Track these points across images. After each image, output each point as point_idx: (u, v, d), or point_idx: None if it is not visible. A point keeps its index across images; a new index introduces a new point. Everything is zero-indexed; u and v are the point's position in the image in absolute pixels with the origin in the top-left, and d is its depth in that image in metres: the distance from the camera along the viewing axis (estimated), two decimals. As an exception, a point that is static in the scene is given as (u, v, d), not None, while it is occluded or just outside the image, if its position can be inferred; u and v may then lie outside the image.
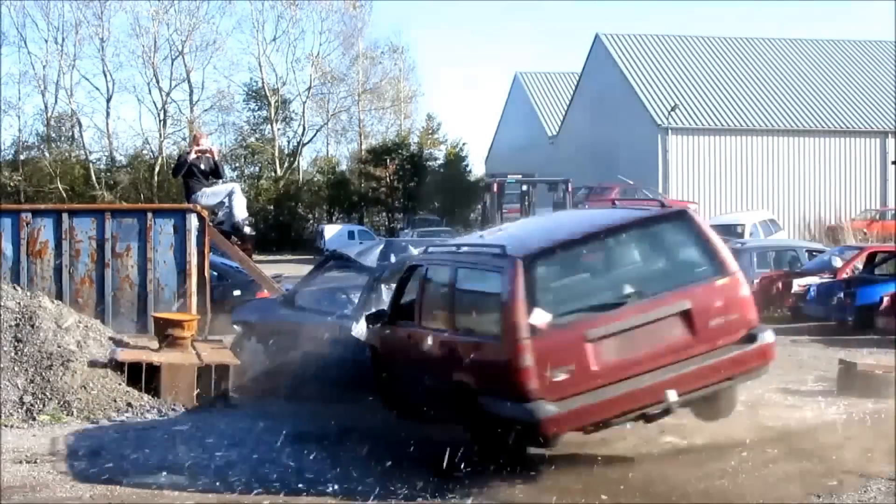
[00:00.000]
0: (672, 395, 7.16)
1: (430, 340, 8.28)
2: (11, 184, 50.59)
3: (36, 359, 10.22)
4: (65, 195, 49.66)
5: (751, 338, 7.47)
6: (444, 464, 7.56)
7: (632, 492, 7.24)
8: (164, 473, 7.74)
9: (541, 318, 7.04)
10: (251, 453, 8.38)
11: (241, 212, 14.81)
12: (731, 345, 7.41)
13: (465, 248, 8.59)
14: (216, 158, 15.20)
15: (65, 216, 12.97)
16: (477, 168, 61.88)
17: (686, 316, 7.38)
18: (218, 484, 7.45)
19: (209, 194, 14.64)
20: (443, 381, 8.28)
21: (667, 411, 7.31)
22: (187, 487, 7.35)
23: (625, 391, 7.15)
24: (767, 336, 7.55)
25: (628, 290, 7.45)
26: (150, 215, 13.08)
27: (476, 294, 7.97)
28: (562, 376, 7.03)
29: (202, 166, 14.86)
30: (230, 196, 14.86)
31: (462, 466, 7.47)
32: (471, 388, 7.69)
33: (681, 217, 7.92)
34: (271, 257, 40.65)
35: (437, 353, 8.22)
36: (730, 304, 7.44)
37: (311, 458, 8.18)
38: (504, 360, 7.21)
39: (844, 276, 18.95)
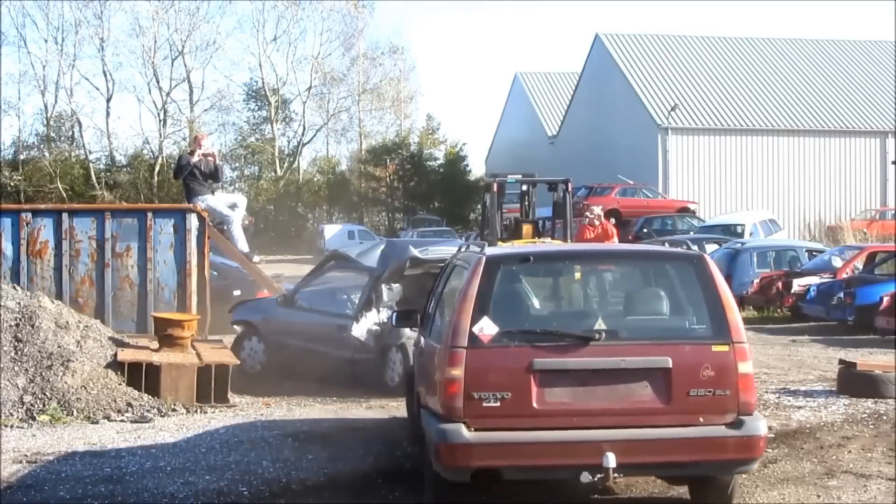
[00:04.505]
0: (611, 460, 5.93)
1: (422, 343, 7.82)
2: (11, 184, 50.53)
3: (36, 359, 10.22)
4: (65, 195, 49.61)
5: (738, 424, 6.12)
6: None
7: (630, 489, 7.25)
8: (164, 474, 7.74)
9: (486, 328, 6.13)
10: (250, 453, 8.37)
11: (238, 240, 14.88)
12: (711, 425, 6.12)
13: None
14: (217, 162, 15.21)
15: (65, 216, 12.97)
16: (477, 168, 62.02)
17: (663, 375, 6.13)
18: (217, 484, 7.44)
19: (213, 209, 14.55)
20: (410, 391, 7.95)
21: (604, 479, 6.03)
22: (187, 487, 7.34)
23: (561, 440, 6.05)
24: (759, 427, 6.18)
25: (600, 325, 6.36)
26: (150, 215, 13.08)
27: (448, 295, 7.21)
28: (493, 403, 6.04)
29: (203, 168, 14.87)
30: (229, 226, 14.84)
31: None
32: (420, 399, 7.17)
33: (694, 261, 6.59)
34: (271, 257, 40.66)
35: (418, 357, 7.89)
36: (722, 376, 6.13)
37: (310, 457, 8.18)
38: (438, 369, 6.34)
39: (844, 276, 18.96)
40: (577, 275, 7.43)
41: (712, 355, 6.17)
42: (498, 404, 6.06)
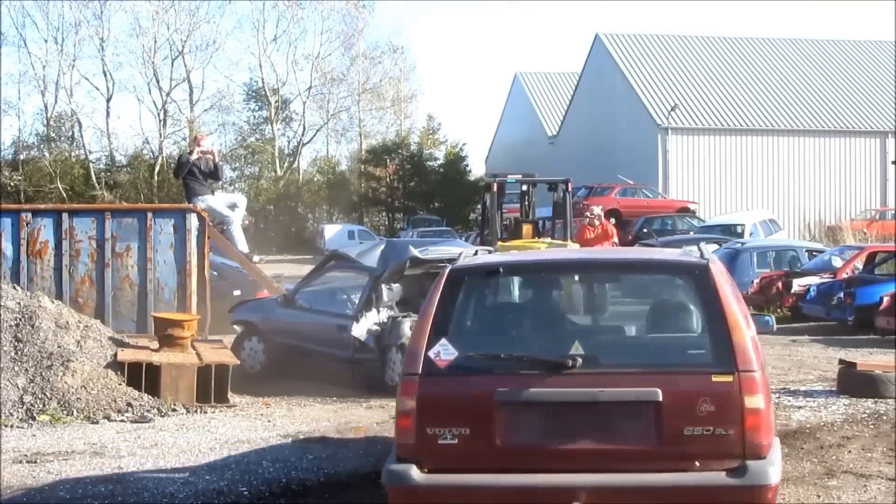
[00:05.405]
0: None
1: None
2: (11, 184, 50.56)
3: (36, 359, 10.22)
4: (65, 195, 49.65)
5: (741, 470, 5.07)
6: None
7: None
8: (164, 474, 7.75)
9: (443, 353, 5.33)
10: (250, 453, 8.37)
11: (238, 240, 14.91)
12: (708, 472, 5.10)
13: None
14: (216, 161, 15.24)
15: (65, 216, 12.99)
16: (477, 168, 62.06)
17: (651, 410, 5.15)
18: (217, 484, 7.44)
19: (213, 209, 14.58)
20: None
21: None
22: (187, 487, 7.34)
23: (526, 486, 5.16)
24: (767, 475, 5.09)
25: (577, 349, 5.36)
26: (150, 215, 13.10)
27: None
28: (450, 440, 5.22)
29: (202, 167, 14.90)
30: (228, 226, 14.86)
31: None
32: None
33: (695, 272, 5.51)
34: (271, 257, 40.65)
35: None
36: (724, 412, 5.10)
37: (310, 457, 8.18)
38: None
39: (844, 276, 18.96)
40: (571, 286, 6.55)
41: (712, 386, 5.15)
42: (455, 442, 5.23)
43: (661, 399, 5.14)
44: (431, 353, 5.32)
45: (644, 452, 5.16)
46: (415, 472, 5.22)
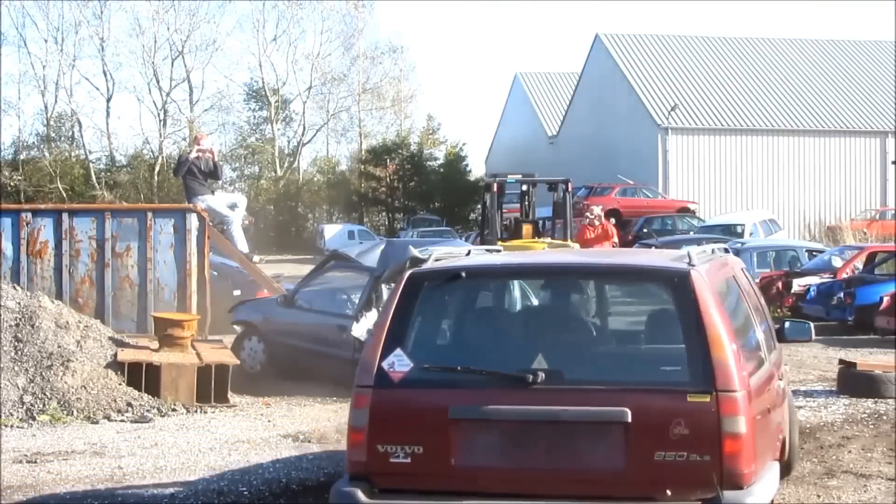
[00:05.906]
0: None
1: None
2: (11, 184, 50.55)
3: (36, 359, 10.23)
4: (65, 195, 49.63)
5: (714, 502, 4.61)
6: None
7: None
8: (164, 474, 7.75)
9: (397, 364, 4.96)
10: (250, 453, 8.37)
11: (238, 240, 14.94)
12: (681, 500, 4.65)
13: None
14: (216, 160, 15.25)
15: (65, 216, 13.00)
16: (477, 168, 62.05)
17: (619, 431, 4.72)
18: (217, 484, 7.44)
19: (213, 209, 14.60)
20: None
21: None
22: (187, 487, 7.34)
23: None
24: None
25: (540, 364, 4.90)
26: (150, 215, 13.11)
27: None
28: (403, 458, 4.86)
29: (202, 167, 14.92)
30: (228, 226, 14.87)
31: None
32: None
33: (674, 280, 4.99)
34: (271, 257, 40.63)
35: None
36: (700, 436, 4.63)
37: (310, 457, 8.18)
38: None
39: (844, 276, 18.96)
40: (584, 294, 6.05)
41: (688, 407, 4.66)
42: (408, 461, 4.86)
43: (629, 420, 4.71)
44: (385, 364, 4.96)
45: (610, 478, 4.75)
46: (361, 495, 4.84)
